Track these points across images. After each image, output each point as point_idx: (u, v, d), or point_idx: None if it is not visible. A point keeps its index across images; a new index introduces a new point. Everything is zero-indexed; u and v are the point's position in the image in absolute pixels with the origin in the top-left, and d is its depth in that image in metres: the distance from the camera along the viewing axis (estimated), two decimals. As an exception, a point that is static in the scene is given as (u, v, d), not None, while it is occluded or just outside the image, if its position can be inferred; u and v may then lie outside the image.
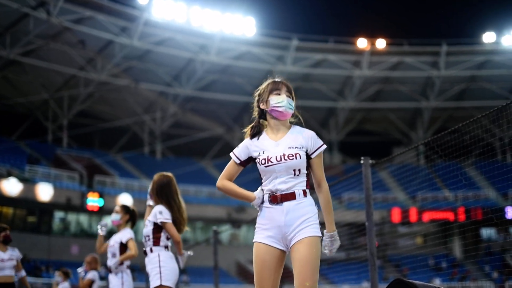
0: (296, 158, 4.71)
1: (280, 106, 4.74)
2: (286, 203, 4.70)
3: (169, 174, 7.70)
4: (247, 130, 4.92)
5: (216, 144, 53.12)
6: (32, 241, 34.56)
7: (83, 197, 39.36)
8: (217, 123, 51.84)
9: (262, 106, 4.84)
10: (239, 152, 4.89)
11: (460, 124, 6.30)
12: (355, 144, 53.15)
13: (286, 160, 4.68)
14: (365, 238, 7.30)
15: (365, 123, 54.39)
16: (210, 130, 51.29)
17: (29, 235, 36.41)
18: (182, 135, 50.09)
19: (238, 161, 4.89)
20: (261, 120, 4.92)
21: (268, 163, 4.72)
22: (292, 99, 4.84)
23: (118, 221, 9.52)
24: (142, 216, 8.36)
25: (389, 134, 54.69)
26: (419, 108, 52.67)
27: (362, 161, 7.20)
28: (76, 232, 41.55)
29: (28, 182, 38.12)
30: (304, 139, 4.81)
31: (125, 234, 9.56)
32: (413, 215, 42.96)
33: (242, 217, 42.01)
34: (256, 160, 4.83)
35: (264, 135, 4.85)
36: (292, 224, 4.69)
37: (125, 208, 9.62)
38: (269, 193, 4.77)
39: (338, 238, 4.96)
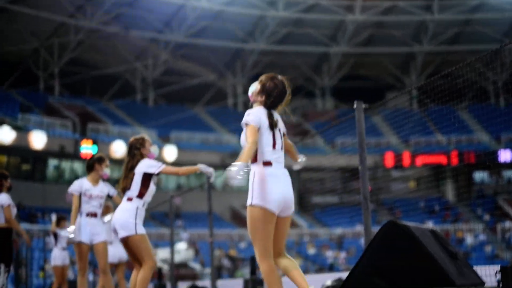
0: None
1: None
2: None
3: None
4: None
5: (208, 91, 52.94)
6: (27, 188, 34.70)
7: (77, 144, 39.39)
8: (209, 70, 51.56)
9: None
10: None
11: (453, 68, 6.29)
12: (348, 89, 52.97)
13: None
14: (358, 182, 7.35)
15: (358, 68, 54.14)
16: (202, 76, 51.04)
17: (23, 182, 36.49)
18: (174, 82, 49.86)
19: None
20: None
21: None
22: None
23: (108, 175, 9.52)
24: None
25: (382, 79, 54.52)
26: (412, 52, 52.40)
27: (355, 106, 7.20)
28: (70, 179, 41.46)
29: (21, 130, 38.07)
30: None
31: (110, 188, 9.56)
32: (406, 159, 43.18)
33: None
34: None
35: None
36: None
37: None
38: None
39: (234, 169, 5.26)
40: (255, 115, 5.50)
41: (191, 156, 42.85)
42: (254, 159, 5.43)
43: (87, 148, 38.10)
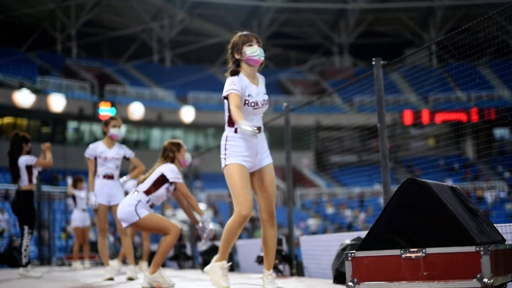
0: (267, 104, 5.79)
1: (255, 55, 5.78)
2: (259, 137, 5.63)
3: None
4: (228, 74, 5.77)
5: (225, 50, 52.41)
6: (47, 151, 34.85)
7: (95, 106, 39.49)
8: (225, 29, 51.25)
9: (237, 56, 5.79)
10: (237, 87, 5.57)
11: (473, 22, 6.15)
12: (366, 46, 52.54)
13: (263, 105, 5.70)
14: (376, 141, 7.28)
15: (376, 24, 53.55)
16: (218, 36, 50.79)
17: (43, 145, 36.72)
18: (191, 42, 49.67)
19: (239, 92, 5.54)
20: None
21: (256, 106, 5.62)
22: (261, 47, 5.82)
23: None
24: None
25: (400, 35, 53.91)
26: (431, 7, 51.65)
27: (373, 62, 7.10)
28: (90, 141, 41.76)
29: (40, 93, 38.22)
30: (264, 85, 5.86)
31: (127, 150, 9.57)
32: (425, 117, 42.87)
33: (254, 122, 42.06)
34: (245, 100, 5.56)
35: (245, 78, 5.68)
36: (263, 152, 5.72)
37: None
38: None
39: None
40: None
41: (208, 117, 42.87)
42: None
43: (106, 110, 38.20)
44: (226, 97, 5.48)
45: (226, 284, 5.44)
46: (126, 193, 13.20)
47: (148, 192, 7.19)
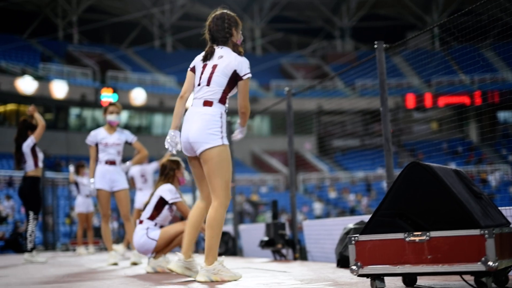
0: None
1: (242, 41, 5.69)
2: None
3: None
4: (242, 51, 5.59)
5: (227, 35, 52.53)
6: (51, 137, 34.90)
7: (97, 93, 39.47)
8: (227, 14, 51.08)
9: (234, 39, 5.67)
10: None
11: (477, 4, 6.11)
12: (368, 29, 52.39)
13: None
14: (379, 125, 7.26)
15: (378, 7, 53.36)
16: (220, 21, 50.61)
17: (47, 132, 36.69)
18: (192, 27, 49.51)
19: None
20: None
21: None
22: None
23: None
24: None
25: (403, 18, 53.73)
26: (433, -10, 51.48)
27: (375, 46, 7.06)
28: (92, 128, 41.70)
29: (43, 79, 38.22)
30: None
31: (129, 135, 9.58)
32: (428, 100, 42.74)
33: (255, 107, 42.08)
34: None
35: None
36: None
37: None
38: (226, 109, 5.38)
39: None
40: (195, 58, 5.55)
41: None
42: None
43: (107, 96, 38.17)
44: (241, 78, 5.32)
45: (239, 273, 5.30)
46: (132, 180, 13.26)
47: (152, 217, 7.26)
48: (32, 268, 8.87)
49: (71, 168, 15.79)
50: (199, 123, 5.16)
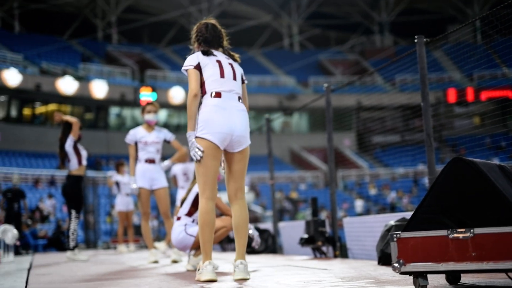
0: None
1: None
2: None
3: None
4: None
5: (264, 32, 52.60)
6: (91, 137, 35.32)
7: (136, 92, 39.79)
8: (264, 11, 51.10)
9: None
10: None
11: (519, -5, 5.97)
12: (407, 24, 51.88)
13: None
14: (419, 120, 7.16)
15: (417, 1, 52.82)
16: (257, 18, 50.66)
17: (87, 131, 37.26)
18: (229, 25, 49.18)
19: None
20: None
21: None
22: None
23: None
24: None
25: (443, 12, 53.07)
26: (474, -18, 50.77)
27: (416, 40, 6.96)
28: (131, 127, 42.09)
29: (83, 80, 38.68)
30: None
31: (167, 133, 9.63)
32: (469, 95, 42.16)
33: (294, 104, 42.01)
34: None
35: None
36: None
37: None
38: None
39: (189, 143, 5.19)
40: (190, 57, 5.40)
41: (249, 99, 42.77)
42: (204, 92, 5.23)
43: (147, 95, 38.47)
44: (244, 81, 5.56)
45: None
46: (174, 178, 13.34)
47: (189, 214, 7.29)
48: (74, 266, 8.97)
49: (110, 173, 15.90)
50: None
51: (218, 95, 5.19)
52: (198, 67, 5.30)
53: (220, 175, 7.43)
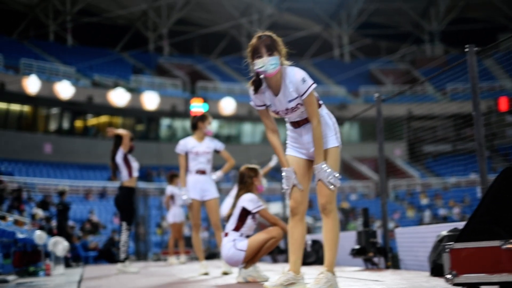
0: (298, 108, 5.01)
1: (261, 70, 4.99)
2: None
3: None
4: (249, 84, 5.21)
5: (314, 43, 52.59)
6: (142, 148, 35.66)
7: (187, 103, 40.10)
8: (314, 21, 51.08)
9: (252, 67, 5.11)
10: (255, 101, 5.19)
11: None
12: (458, 33, 51.32)
13: (293, 111, 5.02)
14: (470, 130, 7.10)
15: (467, 10, 52.21)
16: (307, 29, 50.67)
17: (139, 143, 37.63)
18: (280, 35, 49.31)
19: (262, 108, 5.15)
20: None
21: (277, 115, 5.12)
22: (275, 54, 5.06)
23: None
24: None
25: (493, 21, 52.35)
26: (526, -10, 49.97)
27: (466, 49, 6.91)
28: (182, 138, 42.57)
29: (134, 91, 39.14)
30: (294, 88, 4.96)
31: (217, 143, 9.67)
32: (522, 103, 41.49)
33: (344, 114, 41.85)
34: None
35: (265, 86, 5.11)
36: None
37: None
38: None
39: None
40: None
41: (299, 110, 42.80)
42: (318, 106, 5.12)
43: (198, 107, 38.76)
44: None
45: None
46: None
47: (236, 229, 7.27)
48: (125, 278, 9.05)
49: (169, 191, 15.87)
50: None
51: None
52: None
53: (262, 186, 7.45)
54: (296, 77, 4.97)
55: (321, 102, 5.12)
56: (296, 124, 5.12)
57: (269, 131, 5.18)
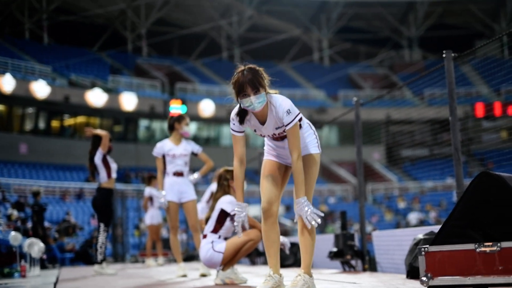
0: (285, 133, 5.03)
1: (249, 108, 5.03)
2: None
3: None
4: (235, 115, 5.24)
5: (294, 46, 52.69)
6: (120, 149, 35.42)
7: (166, 104, 39.98)
8: (294, 25, 51.18)
9: (236, 101, 5.16)
10: (237, 128, 5.20)
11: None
12: (436, 39, 51.70)
13: (279, 135, 5.10)
14: (447, 134, 7.18)
15: (445, 16, 52.62)
16: (287, 32, 50.76)
17: (116, 144, 37.36)
18: (259, 38, 49.76)
19: (241, 134, 5.21)
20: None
21: (261, 136, 5.24)
22: (260, 91, 5.06)
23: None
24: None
25: (471, 27, 52.83)
26: (502, -3, 50.48)
27: (444, 55, 7.01)
28: (161, 139, 42.14)
29: (112, 92, 38.91)
30: (279, 119, 4.99)
31: (194, 146, 9.67)
32: (497, 109, 41.89)
33: (323, 118, 42.00)
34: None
35: (250, 116, 5.15)
36: None
37: None
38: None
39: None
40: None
41: (278, 113, 42.84)
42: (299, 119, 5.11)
43: (176, 108, 38.64)
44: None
45: None
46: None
47: (215, 231, 7.26)
48: (102, 280, 9.03)
49: (146, 193, 15.83)
50: None
51: None
52: None
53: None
54: (282, 108, 5.00)
55: (300, 115, 5.07)
56: (279, 138, 5.16)
57: (237, 160, 5.19)
